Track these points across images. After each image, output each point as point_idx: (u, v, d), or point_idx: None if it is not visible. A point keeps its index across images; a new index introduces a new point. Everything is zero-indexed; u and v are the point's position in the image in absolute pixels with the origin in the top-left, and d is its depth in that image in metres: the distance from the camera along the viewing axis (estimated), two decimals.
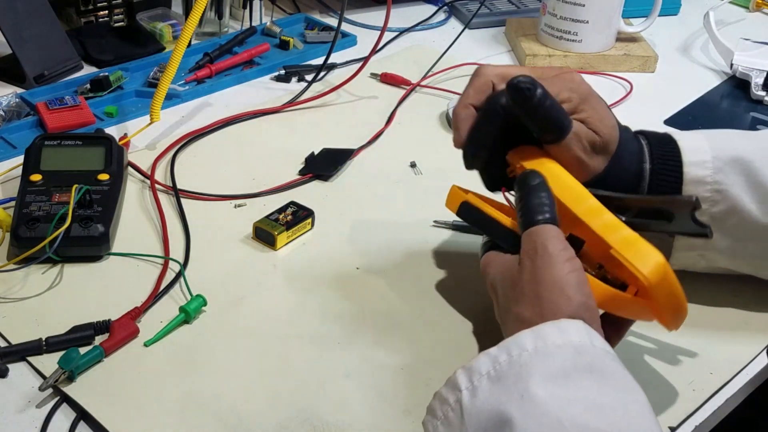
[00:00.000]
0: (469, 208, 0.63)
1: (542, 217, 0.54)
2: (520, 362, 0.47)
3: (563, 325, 0.49)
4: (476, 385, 0.47)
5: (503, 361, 0.48)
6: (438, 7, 1.27)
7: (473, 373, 0.48)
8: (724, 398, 0.61)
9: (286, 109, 0.96)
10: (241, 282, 0.69)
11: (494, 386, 0.47)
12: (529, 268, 0.53)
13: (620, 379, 0.48)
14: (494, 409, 0.46)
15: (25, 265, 0.67)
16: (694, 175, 0.62)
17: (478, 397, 0.47)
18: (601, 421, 0.44)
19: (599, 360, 0.48)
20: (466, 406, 0.47)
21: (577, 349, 0.47)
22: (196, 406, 0.57)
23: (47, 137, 0.78)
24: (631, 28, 1.12)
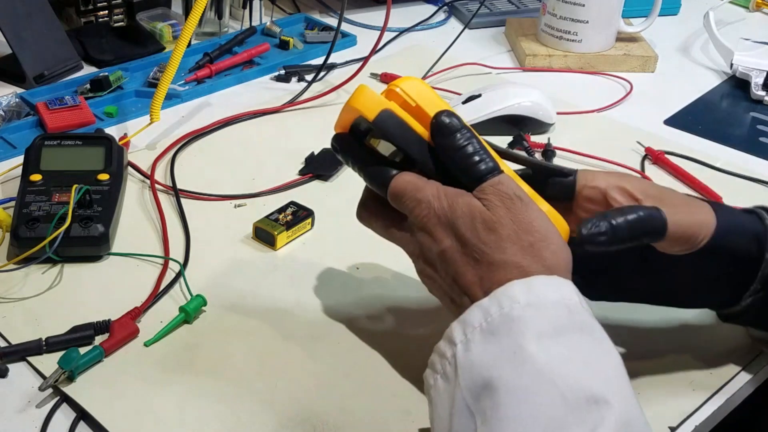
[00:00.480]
0: (394, 119, 0.54)
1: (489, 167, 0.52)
2: (511, 316, 0.46)
3: (556, 281, 0.48)
4: (470, 338, 0.47)
5: (494, 313, 0.47)
6: (438, 7, 1.27)
7: (466, 326, 0.48)
8: (724, 398, 0.61)
9: (286, 109, 0.96)
10: (241, 282, 0.69)
11: (487, 340, 0.46)
12: (508, 216, 0.50)
13: (605, 340, 0.47)
14: (486, 365, 0.45)
15: (25, 265, 0.67)
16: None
17: (471, 351, 0.47)
18: (593, 380, 0.44)
19: (588, 320, 0.47)
20: (460, 360, 0.47)
21: (570, 307, 0.47)
22: (195, 406, 0.57)
23: (47, 137, 0.78)
24: (631, 28, 1.12)
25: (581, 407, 0.43)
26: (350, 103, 0.56)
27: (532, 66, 1.10)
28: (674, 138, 0.95)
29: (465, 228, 0.51)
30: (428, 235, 0.52)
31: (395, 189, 0.54)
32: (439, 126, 0.53)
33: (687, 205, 0.56)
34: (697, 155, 0.90)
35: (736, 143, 0.95)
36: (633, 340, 0.65)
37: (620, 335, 0.65)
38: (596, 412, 0.43)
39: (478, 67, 1.08)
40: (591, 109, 1.00)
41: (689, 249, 0.56)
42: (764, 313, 0.59)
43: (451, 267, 0.51)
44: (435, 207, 0.52)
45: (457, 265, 0.51)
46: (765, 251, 0.57)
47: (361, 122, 0.57)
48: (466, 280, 0.50)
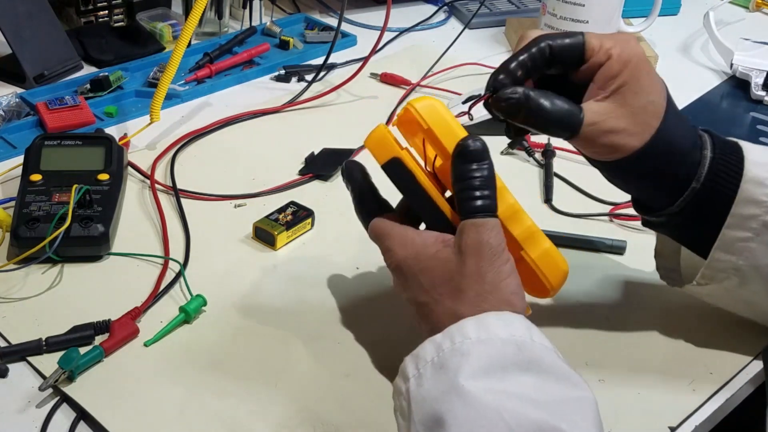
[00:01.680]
0: (400, 169, 0.56)
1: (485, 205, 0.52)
2: (462, 350, 0.47)
3: (507, 317, 0.49)
4: (422, 373, 0.47)
5: (446, 348, 0.47)
6: (438, 7, 1.27)
7: (419, 360, 0.48)
8: (724, 398, 0.61)
9: (286, 109, 0.96)
10: (241, 282, 0.69)
11: (437, 374, 0.47)
12: (471, 266, 0.51)
13: (560, 375, 0.47)
14: (436, 399, 0.46)
15: (25, 265, 0.67)
16: (755, 174, 0.57)
17: (423, 385, 0.47)
18: (541, 412, 0.44)
19: (538, 355, 0.48)
20: (413, 394, 0.47)
21: (518, 344, 0.47)
22: (196, 406, 0.57)
23: (47, 137, 0.78)
24: (631, 28, 1.12)
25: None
26: (365, 143, 0.58)
27: None
28: None
29: (425, 279, 0.53)
30: (395, 279, 0.56)
31: (372, 231, 0.57)
32: (463, 149, 0.53)
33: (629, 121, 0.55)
34: None
35: None
36: (633, 340, 0.65)
37: (620, 335, 0.66)
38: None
39: (478, 67, 1.08)
40: None
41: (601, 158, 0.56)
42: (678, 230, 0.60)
43: (416, 309, 0.54)
44: (399, 257, 0.54)
45: (417, 312, 0.54)
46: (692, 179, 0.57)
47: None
48: (423, 328, 0.53)
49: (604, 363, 0.63)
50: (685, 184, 0.58)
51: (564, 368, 0.48)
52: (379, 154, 0.57)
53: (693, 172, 0.58)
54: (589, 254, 0.74)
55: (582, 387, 0.47)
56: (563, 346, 0.63)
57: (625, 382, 0.61)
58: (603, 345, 0.65)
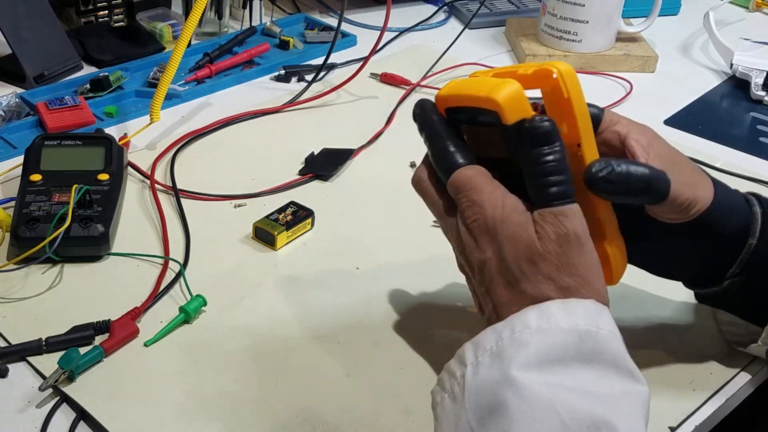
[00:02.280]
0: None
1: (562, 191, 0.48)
2: (520, 340, 0.46)
3: (572, 305, 0.47)
4: (480, 361, 0.46)
5: (506, 337, 0.46)
6: (438, 7, 1.27)
7: (478, 348, 0.47)
8: (724, 398, 0.61)
9: (286, 109, 0.96)
10: (241, 282, 0.69)
11: (494, 363, 0.46)
12: (557, 252, 0.48)
13: (621, 367, 0.46)
14: (492, 389, 0.45)
15: (25, 265, 0.67)
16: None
17: (479, 373, 0.46)
18: (595, 405, 0.44)
19: (602, 346, 0.46)
20: (468, 382, 0.46)
21: (581, 335, 0.46)
22: (196, 406, 0.57)
23: (47, 137, 0.78)
24: (631, 28, 1.12)
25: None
26: (493, 95, 0.50)
27: None
28: (674, 138, 0.95)
29: (509, 249, 0.49)
30: (473, 239, 0.50)
31: (456, 181, 0.51)
32: (532, 131, 0.49)
33: (691, 176, 0.55)
34: (697, 155, 0.90)
35: (736, 143, 0.95)
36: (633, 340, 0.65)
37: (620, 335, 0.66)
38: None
39: (478, 67, 1.08)
40: None
41: (681, 219, 0.55)
42: (738, 297, 0.59)
43: (487, 279, 0.50)
44: (487, 215, 0.49)
45: (493, 281, 0.49)
46: (749, 236, 0.57)
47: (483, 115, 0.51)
48: (497, 297, 0.49)
49: None
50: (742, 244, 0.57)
51: (626, 359, 0.47)
52: (510, 112, 0.50)
53: (747, 231, 0.57)
54: None
55: (641, 380, 0.46)
56: None
57: None
58: None
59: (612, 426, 0.43)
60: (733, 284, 0.59)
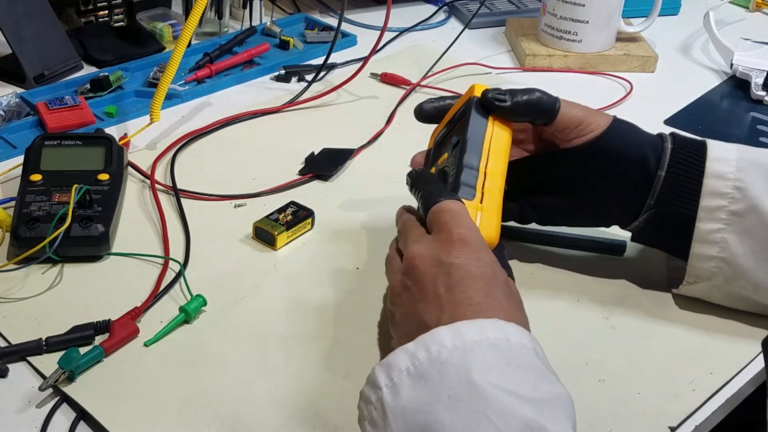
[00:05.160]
0: None
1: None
2: (440, 359, 0.47)
3: (480, 323, 0.49)
4: (396, 383, 0.47)
5: (422, 357, 0.47)
6: (438, 7, 1.27)
7: (392, 370, 0.48)
8: (724, 398, 0.61)
9: (286, 109, 0.96)
10: (241, 282, 0.69)
11: (416, 384, 0.47)
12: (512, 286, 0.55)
13: (539, 371, 0.48)
14: (420, 409, 0.45)
15: (25, 265, 0.67)
16: (717, 169, 0.63)
17: (401, 395, 0.47)
18: (525, 407, 0.44)
19: (516, 353, 0.48)
20: (389, 404, 0.47)
21: (494, 344, 0.47)
22: (196, 406, 0.57)
23: (47, 137, 0.78)
24: (631, 28, 1.12)
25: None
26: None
27: (532, 66, 1.10)
28: None
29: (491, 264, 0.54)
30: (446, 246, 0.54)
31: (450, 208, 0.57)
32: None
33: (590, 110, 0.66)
34: None
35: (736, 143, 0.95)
36: (633, 340, 0.65)
37: (620, 335, 0.66)
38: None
39: (478, 67, 1.08)
40: None
41: (580, 138, 0.65)
42: (659, 230, 0.66)
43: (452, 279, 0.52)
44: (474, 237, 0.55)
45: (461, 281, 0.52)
46: (659, 168, 0.64)
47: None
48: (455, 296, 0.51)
49: (604, 363, 0.63)
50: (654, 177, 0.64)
51: (541, 366, 0.48)
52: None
53: (658, 163, 0.64)
54: (589, 254, 0.74)
55: (559, 385, 0.48)
56: (563, 346, 0.64)
57: (625, 382, 0.61)
58: (603, 345, 0.65)
59: (546, 430, 0.43)
60: (651, 216, 0.65)
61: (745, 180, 0.62)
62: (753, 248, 0.62)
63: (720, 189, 0.62)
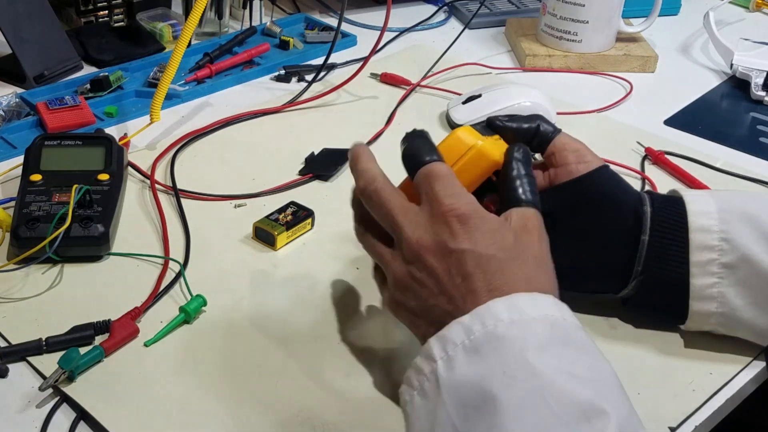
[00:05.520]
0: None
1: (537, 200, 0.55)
2: (496, 334, 0.46)
3: (537, 298, 0.48)
4: (451, 356, 0.47)
5: (477, 331, 0.47)
6: (438, 7, 1.27)
7: (447, 343, 0.47)
8: (724, 398, 0.61)
9: (286, 109, 0.96)
10: (241, 282, 0.69)
11: (471, 359, 0.46)
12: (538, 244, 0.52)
13: (592, 351, 0.48)
14: (475, 384, 0.45)
15: (25, 265, 0.67)
16: (700, 223, 0.61)
17: (455, 369, 0.46)
18: (586, 391, 0.44)
19: (572, 333, 0.48)
20: (443, 377, 0.46)
21: (552, 322, 0.47)
22: (196, 406, 0.57)
23: (47, 137, 0.78)
24: (631, 28, 1.12)
25: (579, 421, 0.43)
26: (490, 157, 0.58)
27: (532, 66, 1.10)
28: (674, 138, 0.95)
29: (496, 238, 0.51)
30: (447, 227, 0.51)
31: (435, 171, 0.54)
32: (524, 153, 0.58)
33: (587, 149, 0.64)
34: (697, 155, 0.90)
35: (736, 143, 0.95)
36: (633, 340, 0.65)
37: (620, 336, 0.65)
38: (595, 424, 0.42)
39: (478, 67, 1.08)
40: (591, 110, 1.00)
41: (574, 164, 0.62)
42: (648, 297, 0.63)
43: (464, 268, 0.50)
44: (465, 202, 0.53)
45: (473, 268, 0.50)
46: (641, 233, 0.62)
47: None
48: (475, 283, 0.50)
49: None
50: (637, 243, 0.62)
51: (593, 346, 0.48)
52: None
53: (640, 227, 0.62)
54: None
55: (611, 367, 0.48)
56: None
57: (625, 382, 0.61)
58: (603, 345, 0.64)
59: (604, 412, 0.43)
60: (640, 283, 0.63)
61: (730, 231, 0.60)
62: (753, 300, 0.61)
63: (707, 242, 0.60)
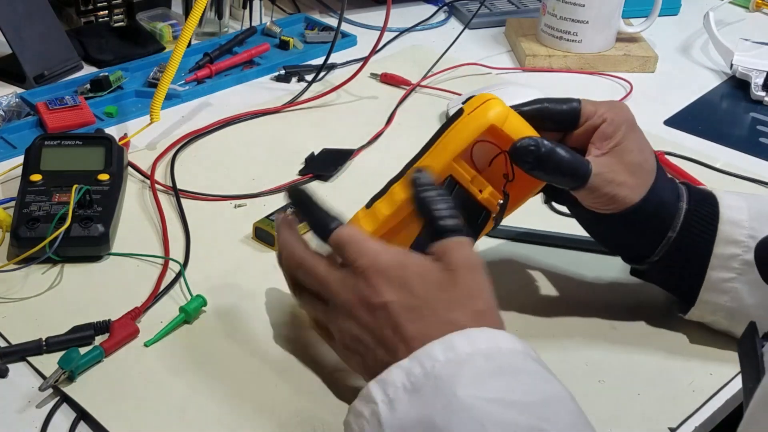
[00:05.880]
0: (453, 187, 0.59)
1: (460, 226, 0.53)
2: (434, 373, 0.47)
3: (471, 333, 0.49)
4: (392, 398, 0.47)
5: (418, 372, 0.47)
6: (438, 7, 1.27)
7: (387, 386, 0.48)
8: (724, 398, 0.61)
9: (286, 109, 0.96)
10: (241, 282, 0.69)
11: (413, 399, 0.47)
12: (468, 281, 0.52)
13: (530, 374, 0.48)
14: (420, 421, 0.46)
15: (25, 265, 0.67)
16: (731, 216, 0.61)
17: (398, 410, 0.47)
18: (520, 414, 0.45)
19: (507, 361, 0.48)
20: (386, 419, 0.47)
21: (485, 355, 0.48)
22: (196, 406, 0.57)
23: (47, 137, 0.78)
24: (631, 28, 1.12)
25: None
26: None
27: (532, 66, 1.10)
28: (674, 138, 0.95)
29: (418, 284, 0.51)
30: (368, 285, 0.52)
31: (344, 235, 0.55)
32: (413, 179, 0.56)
33: (626, 176, 0.60)
34: (697, 156, 0.90)
35: (736, 143, 0.95)
36: (632, 340, 0.65)
37: (620, 336, 0.66)
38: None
39: (478, 67, 1.08)
40: None
41: (602, 209, 0.60)
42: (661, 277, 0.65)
43: (392, 319, 0.51)
44: (383, 259, 0.52)
45: (400, 318, 0.50)
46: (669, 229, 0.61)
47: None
48: (406, 332, 0.50)
49: (604, 363, 0.63)
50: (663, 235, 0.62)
51: (536, 368, 0.48)
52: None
53: (670, 224, 0.62)
54: (589, 255, 0.74)
55: (556, 383, 0.48)
56: (563, 347, 0.64)
57: (625, 383, 0.61)
58: (603, 346, 0.65)
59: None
60: (653, 267, 0.64)
61: (758, 229, 0.61)
62: (763, 300, 0.61)
63: (735, 236, 0.61)
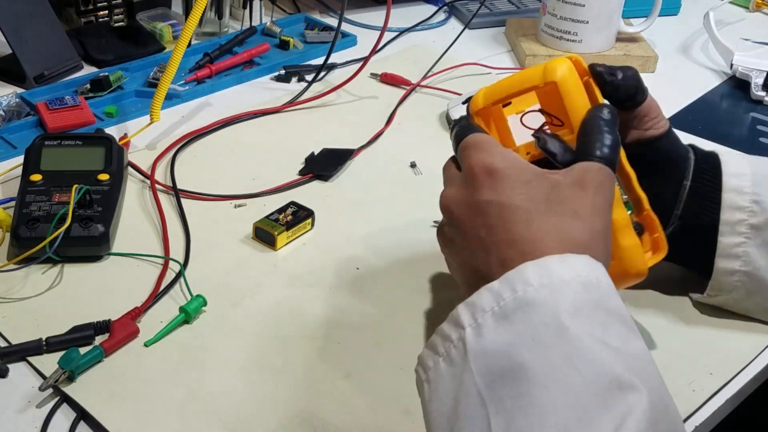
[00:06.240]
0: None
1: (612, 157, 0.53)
2: (525, 299, 0.45)
3: (569, 259, 0.47)
4: (480, 323, 0.45)
5: (507, 297, 0.45)
6: (438, 7, 1.27)
7: (476, 310, 0.46)
8: (724, 398, 0.61)
9: (286, 109, 0.96)
10: (241, 282, 0.69)
11: (500, 326, 0.45)
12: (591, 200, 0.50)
13: (624, 320, 0.46)
14: (503, 352, 0.44)
15: (25, 265, 0.67)
16: (734, 184, 0.63)
17: (484, 336, 0.45)
18: (617, 363, 0.42)
19: (606, 297, 0.46)
20: (471, 345, 0.45)
21: (585, 284, 0.45)
22: (196, 406, 0.57)
23: (47, 137, 0.78)
24: (631, 28, 1.12)
25: (609, 394, 0.41)
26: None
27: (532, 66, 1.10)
28: None
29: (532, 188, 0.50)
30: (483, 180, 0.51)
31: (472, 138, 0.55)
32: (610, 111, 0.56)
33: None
34: None
35: (736, 143, 0.95)
36: None
37: None
38: (626, 397, 0.41)
39: (478, 67, 1.08)
40: None
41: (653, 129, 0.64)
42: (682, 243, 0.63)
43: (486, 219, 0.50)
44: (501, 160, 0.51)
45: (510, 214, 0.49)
46: (684, 178, 0.64)
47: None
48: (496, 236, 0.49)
49: None
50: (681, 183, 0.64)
51: (629, 316, 0.46)
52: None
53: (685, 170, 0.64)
54: None
55: (637, 331, 0.46)
56: None
57: None
58: None
59: (637, 388, 0.41)
60: (677, 228, 0.64)
61: (761, 194, 0.62)
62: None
63: (738, 203, 0.62)
